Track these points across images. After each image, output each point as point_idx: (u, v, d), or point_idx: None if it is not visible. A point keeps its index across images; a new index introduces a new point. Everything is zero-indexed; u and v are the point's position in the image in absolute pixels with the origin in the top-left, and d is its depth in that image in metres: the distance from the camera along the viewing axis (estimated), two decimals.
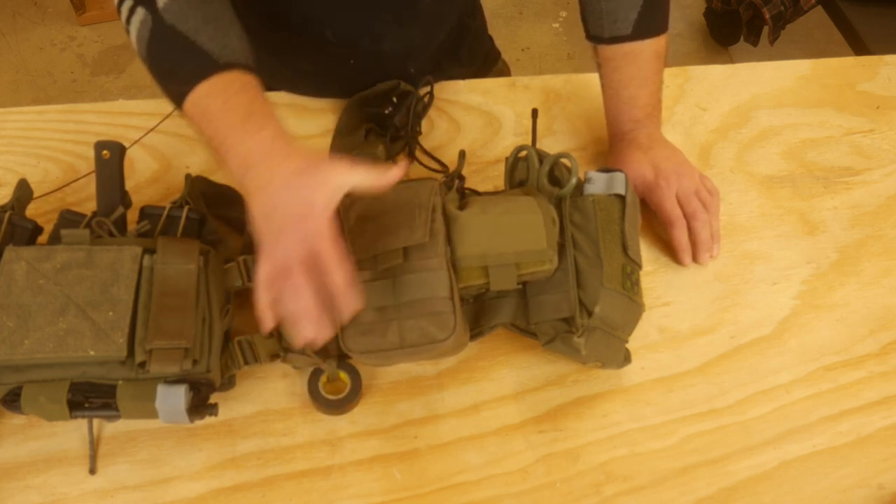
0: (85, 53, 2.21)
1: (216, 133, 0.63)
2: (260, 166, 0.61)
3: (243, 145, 0.62)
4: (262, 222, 0.60)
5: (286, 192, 0.59)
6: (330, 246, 0.58)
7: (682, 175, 0.82)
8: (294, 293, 0.58)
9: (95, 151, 0.69)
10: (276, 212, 0.59)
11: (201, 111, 0.63)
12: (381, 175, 0.61)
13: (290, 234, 0.59)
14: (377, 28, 0.86)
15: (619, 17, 0.81)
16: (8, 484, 0.64)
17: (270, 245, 0.59)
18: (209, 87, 0.63)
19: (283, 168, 0.60)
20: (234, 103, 0.63)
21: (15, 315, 0.61)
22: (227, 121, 0.63)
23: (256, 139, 0.62)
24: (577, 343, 0.66)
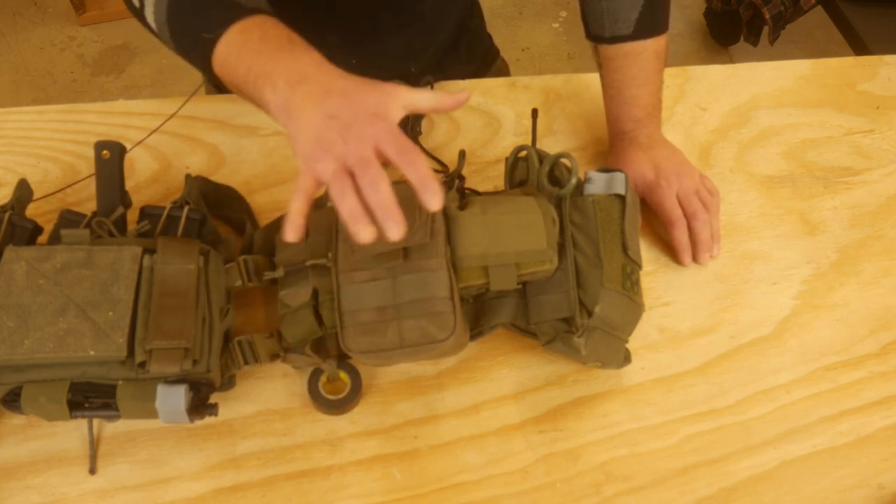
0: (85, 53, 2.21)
1: (257, 59, 0.60)
2: (318, 76, 0.58)
3: (295, 62, 0.59)
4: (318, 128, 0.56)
5: (355, 95, 0.57)
6: (407, 142, 0.55)
7: (683, 175, 0.82)
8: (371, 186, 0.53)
9: (95, 151, 0.69)
10: (340, 115, 0.56)
11: (237, 47, 0.61)
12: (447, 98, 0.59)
13: (360, 134, 0.55)
14: (379, 29, 0.86)
15: (620, 16, 0.81)
16: (8, 484, 0.64)
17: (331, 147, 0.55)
18: (243, 25, 0.61)
19: (347, 78, 0.58)
20: (274, 34, 0.61)
21: (15, 315, 0.61)
22: (269, 47, 0.60)
23: (308, 57, 0.60)
24: (577, 343, 0.66)
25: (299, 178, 0.56)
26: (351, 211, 0.54)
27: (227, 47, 0.61)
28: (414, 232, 0.65)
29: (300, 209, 0.56)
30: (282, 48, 0.60)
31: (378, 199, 0.53)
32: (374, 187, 0.53)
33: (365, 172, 0.54)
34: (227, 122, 0.88)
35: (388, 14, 0.85)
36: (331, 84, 0.57)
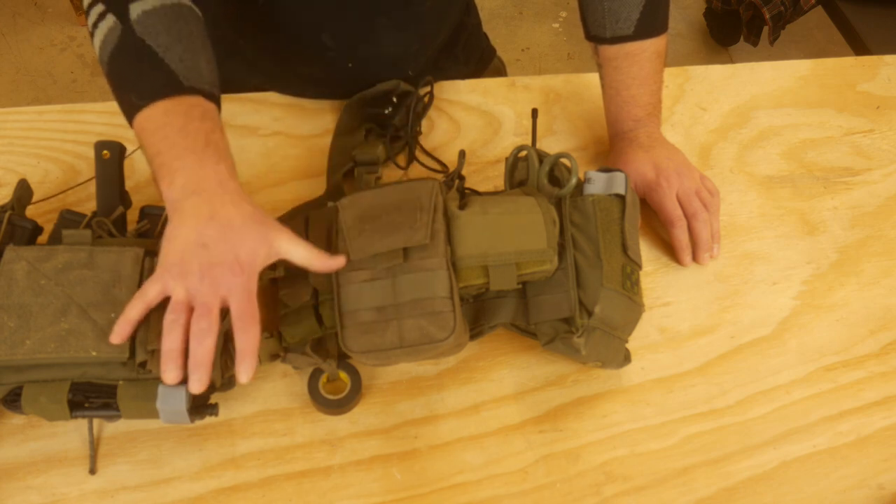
0: (85, 53, 2.21)
1: (168, 150, 0.61)
2: (211, 195, 0.60)
3: (197, 170, 0.60)
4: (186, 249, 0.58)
5: (232, 234, 0.59)
6: (253, 307, 0.59)
7: (683, 175, 0.82)
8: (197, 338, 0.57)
9: (95, 151, 0.69)
10: (210, 248, 0.58)
11: (155, 127, 0.62)
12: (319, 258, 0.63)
13: (217, 277, 0.58)
14: (375, 33, 0.86)
15: (622, 16, 0.81)
16: (8, 484, 0.64)
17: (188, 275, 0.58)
18: (170, 106, 0.62)
19: (237, 208, 0.60)
20: (195, 128, 0.62)
21: (16, 315, 0.61)
22: (183, 142, 0.61)
23: (213, 169, 0.61)
24: (576, 343, 0.66)
25: (148, 283, 0.60)
26: (171, 349, 0.58)
27: (147, 122, 0.62)
28: (414, 232, 0.65)
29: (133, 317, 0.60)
30: (194, 149, 0.61)
31: (200, 352, 0.57)
32: (201, 340, 0.57)
33: (200, 320, 0.57)
34: (227, 122, 0.88)
35: (385, 19, 0.84)
36: (219, 209, 0.59)
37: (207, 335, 0.57)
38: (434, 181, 0.69)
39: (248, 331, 0.58)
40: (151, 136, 0.62)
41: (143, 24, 0.63)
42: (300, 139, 0.88)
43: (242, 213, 0.60)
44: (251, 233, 0.60)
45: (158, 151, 0.62)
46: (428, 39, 0.92)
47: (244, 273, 0.59)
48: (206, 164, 0.61)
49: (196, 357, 0.57)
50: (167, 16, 0.64)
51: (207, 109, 0.64)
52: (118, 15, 0.64)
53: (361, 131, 0.85)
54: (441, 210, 0.67)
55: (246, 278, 0.59)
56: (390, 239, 0.65)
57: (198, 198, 0.60)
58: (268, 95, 0.91)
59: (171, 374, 0.58)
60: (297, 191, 0.83)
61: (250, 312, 0.58)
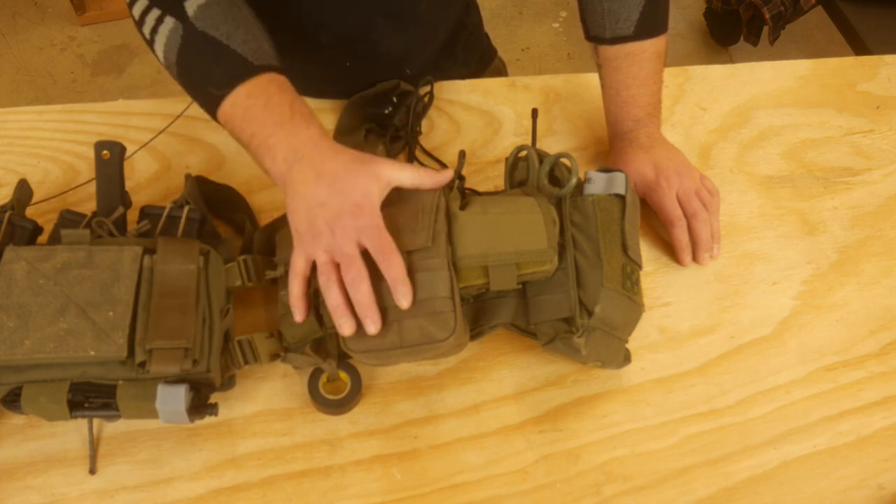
0: (85, 53, 2.21)
1: (260, 129, 0.64)
2: (312, 158, 0.63)
3: (294, 138, 0.64)
4: (309, 213, 0.62)
5: (342, 183, 0.62)
6: (386, 239, 0.62)
7: (683, 175, 0.82)
8: (354, 284, 0.61)
9: (95, 151, 0.69)
10: (328, 203, 0.62)
11: (242, 111, 0.65)
12: (429, 176, 0.65)
13: (344, 227, 0.62)
14: (373, 32, 0.86)
15: (622, 17, 0.81)
16: (8, 484, 0.64)
17: (319, 236, 0.62)
18: (249, 89, 0.65)
19: (337, 160, 0.63)
20: (277, 101, 0.65)
21: (15, 315, 0.61)
22: (272, 118, 0.65)
23: (306, 134, 0.64)
24: (577, 343, 0.66)
25: (294, 257, 0.64)
26: (335, 304, 0.62)
27: (232, 109, 0.65)
28: (416, 235, 0.65)
29: (299, 293, 0.64)
30: (283, 121, 0.65)
31: (359, 297, 0.61)
32: (356, 287, 0.61)
33: (349, 271, 0.61)
34: None
35: (383, 19, 0.84)
36: (322, 167, 0.63)
37: (361, 282, 0.61)
38: None
39: (391, 261, 0.61)
40: (241, 120, 0.65)
41: (202, 19, 0.66)
42: None
43: (343, 162, 0.63)
44: (358, 176, 0.63)
45: (252, 133, 0.65)
46: (426, 39, 0.92)
47: (365, 213, 0.62)
48: (298, 132, 0.64)
49: (360, 303, 0.61)
50: (221, 5, 0.67)
51: (282, 83, 0.67)
52: (176, 15, 0.66)
53: (361, 131, 0.85)
54: (443, 210, 0.67)
55: (370, 217, 0.62)
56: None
57: (300, 164, 0.63)
58: None
59: (347, 325, 0.62)
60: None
61: (386, 245, 0.62)
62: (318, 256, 0.63)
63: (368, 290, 0.61)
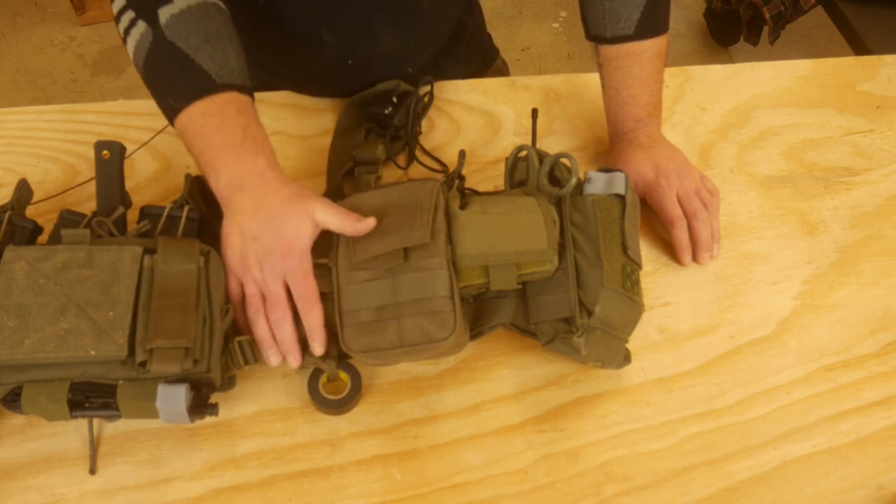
0: (85, 53, 2.21)
1: (208, 150, 0.65)
2: (253, 189, 0.64)
3: (238, 166, 0.65)
4: (243, 244, 0.64)
5: (276, 222, 0.63)
6: (310, 286, 0.64)
7: (683, 175, 0.82)
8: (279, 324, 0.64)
9: (95, 151, 0.69)
10: (260, 239, 0.63)
11: (195, 128, 0.66)
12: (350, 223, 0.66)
13: (273, 265, 0.64)
14: (374, 30, 0.86)
15: (623, 16, 0.81)
16: (8, 484, 0.64)
17: (249, 269, 0.64)
18: (206, 106, 0.66)
19: (278, 194, 0.64)
20: (231, 125, 0.66)
21: (15, 315, 0.61)
22: (222, 140, 0.65)
23: (252, 163, 0.65)
24: (577, 343, 0.66)
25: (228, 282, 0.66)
26: (262, 338, 0.65)
27: (187, 124, 0.66)
28: (414, 232, 0.65)
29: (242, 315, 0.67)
30: (233, 146, 0.65)
31: (282, 336, 0.64)
32: (280, 326, 0.64)
33: (274, 310, 0.64)
34: None
35: (383, 17, 0.85)
36: (262, 199, 0.64)
37: (284, 322, 0.64)
38: (435, 181, 0.69)
39: (311, 310, 0.64)
40: (193, 136, 0.66)
41: (172, 28, 0.66)
42: (300, 139, 0.88)
43: (282, 197, 0.64)
44: (292, 214, 0.64)
45: (201, 151, 0.66)
46: (427, 38, 0.92)
47: (294, 255, 0.64)
48: (245, 158, 0.65)
49: (283, 342, 0.65)
50: (194, 17, 0.67)
51: (242, 104, 0.67)
52: (148, 21, 0.66)
53: (361, 131, 0.85)
54: (442, 209, 0.67)
55: (297, 260, 0.64)
56: (391, 239, 0.65)
57: (242, 193, 0.64)
58: (268, 95, 0.91)
59: (273, 358, 0.65)
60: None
61: (309, 292, 0.64)
62: (248, 287, 0.65)
63: (291, 329, 0.64)
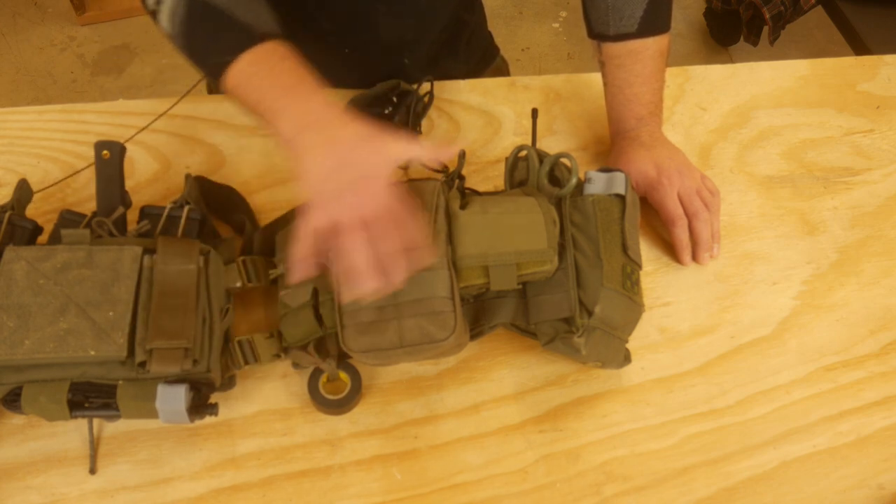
0: (85, 53, 2.21)
1: (265, 96, 0.64)
2: (321, 124, 0.62)
3: (301, 105, 0.63)
4: (326, 176, 0.60)
5: (356, 152, 0.61)
6: (402, 204, 0.60)
7: (685, 174, 0.82)
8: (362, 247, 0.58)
9: (95, 151, 0.69)
10: (342, 169, 0.60)
11: (247, 78, 0.65)
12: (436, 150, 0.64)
13: (357, 192, 0.59)
14: (371, 18, 0.86)
15: (626, 14, 0.81)
16: (8, 484, 0.64)
17: (330, 200, 0.59)
18: (253, 56, 0.65)
19: (348, 129, 0.62)
20: (282, 69, 0.65)
21: (15, 315, 0.61)
22: (278, 84, 0.64)
23: (313, 101, 0.63)
24: (577, 343, 0.66)
25: (308, 218, 0.60)
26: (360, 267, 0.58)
27: (238, 77, 0.65)
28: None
29: (307, 253, 0.60)
30: (290, 86, 0.64)
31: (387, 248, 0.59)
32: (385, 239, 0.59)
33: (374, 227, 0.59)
34: (227, 122, 0.88)
35: (382, 5, 0.85)
36: (333, 133, 0.61)
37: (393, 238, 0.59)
38: (436, 181, 0.69)
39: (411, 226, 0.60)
40: (246, 88, 0.65)
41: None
42: None
43: (353, 131, 0.62)
44: (370, 146, 0.62)
45: (258, 100, 0.64)
46: (425, 29, 0.92)
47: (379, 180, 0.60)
48: (307, 98, 0.64)
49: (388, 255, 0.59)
50: None
51: (285, 51, 0.66)
52: None
53: None
54: (443, 210, 0.67)
55: (383, 182, 0.60)
56: None
57: (310, 131, 0.62)
58: None
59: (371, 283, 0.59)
60: (296, 191, 0.83)
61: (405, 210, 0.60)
62: (343, 216, 0.59)
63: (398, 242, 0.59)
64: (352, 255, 0.59)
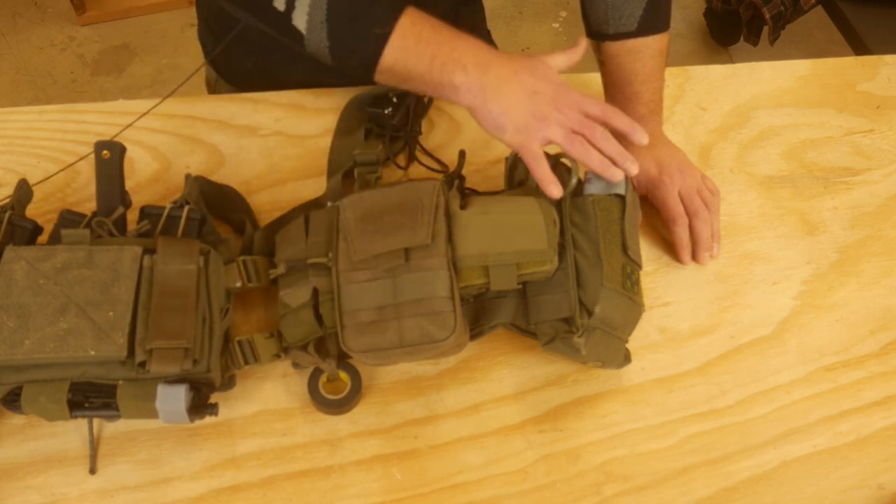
0: (85, 53, 2.21)
1: (440, 49, 0.67)
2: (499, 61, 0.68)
3: (474, 50, 0.68)
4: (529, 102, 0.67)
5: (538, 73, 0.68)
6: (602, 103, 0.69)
7: (686, 173, 0.82)
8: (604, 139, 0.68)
9: (95, 151, 0.69)
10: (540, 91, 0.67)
11: (415, 39, 0.67)
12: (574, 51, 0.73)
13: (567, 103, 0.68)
14: None
15: (625, 13, 0.81)
16: (8, 484, 0.64)
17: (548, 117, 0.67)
18: (411, 18, 0.68)
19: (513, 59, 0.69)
20: (437, 25, 0.69)
21: (15, 315, 0.61)
22: (443, 36, 0.68)
23: (479, 45, 0.69)
24: (576, 343, 0.66)
25: (525, 146, 0.68)
26: (601, 161, 0.68)
27: (404, 39, 0.67)
28: (415, 232, 0.65)
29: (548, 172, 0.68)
30: (455, 37, 0.69)
31: (614, 148, 0.68)
32: (608, 140, 0.68)
33: (593, 131, 0.68)
34: (227, 122, 0.88)
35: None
36: (513, 65, 0.68)
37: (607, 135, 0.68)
38: (436, 181, 0.69)
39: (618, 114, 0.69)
40: (416, 47, 0.68)
41: None
42: (300, 139, 0.88)
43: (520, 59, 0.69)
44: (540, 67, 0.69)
45: (433, 55, 0.67)
46: None
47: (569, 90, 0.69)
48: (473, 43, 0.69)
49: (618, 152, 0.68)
50: None
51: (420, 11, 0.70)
52: None
53: (361, 131, 0.85)
54: (442, 210, 0.67)
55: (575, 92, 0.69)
56: (392, 239, 0.65)
57: (494, 68, 0.68)
58: (268, 95, 0.91)
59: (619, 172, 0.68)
60: (297, 191, 0.83)
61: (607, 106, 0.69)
62: (557, 132, 0.67)
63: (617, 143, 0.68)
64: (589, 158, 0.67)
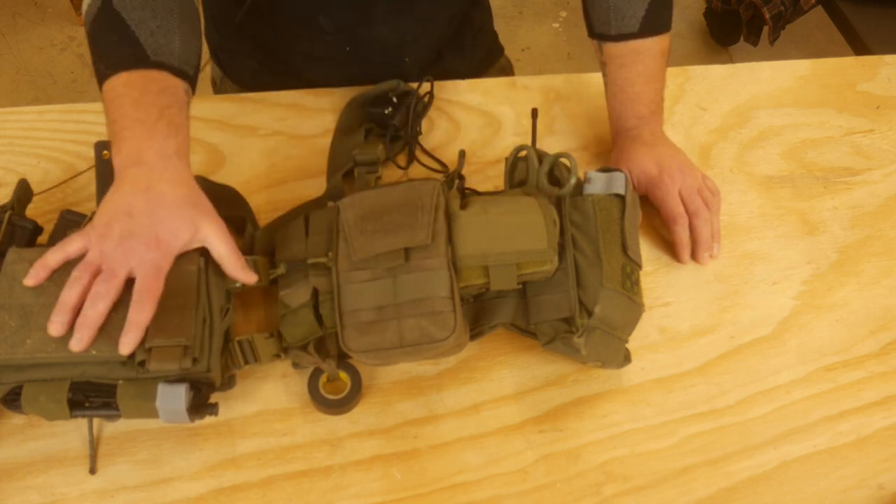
0: (85, 53, 2.21)
1: (120, 119, 0.64)
2: (151, 168, 0.62)
3: (144, 142, 0.63)
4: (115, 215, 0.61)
5: (162, 210, 0.61)
6: (157, 286, 0.60)
7: (686, 173, 0.82)
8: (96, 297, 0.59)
9: (95, 151, 0.70)
10: (135, 219, 0.60)
11: (114, 97, 0.65)
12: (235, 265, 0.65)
13: (132, 249, 0.60)
14: (372, 16, 0.86)
15: (628, 13, 0.81)
16: (8, 484, 0.64)
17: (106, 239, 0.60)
18: (130, 78, 0.65)
19: (175, 188, 0.62)
20: (150, 101, 0.64)
21: (17, 315, 0.61)
22: (136, 113, 0.63)
23: (159, 143, 0.63)
24: (576, 343, 0.66)
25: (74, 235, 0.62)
26: (65, 302, 0.59)
27: (109, 91, 0.65)
28: (416, 232, 0.65)
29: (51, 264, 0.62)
30: (144, 122, 0.63)
31: (91, 312, 0.59)
32: (94, 301, 0.59)
33: (100, 283, 0.59)
34: (227, 122, 0.88)
35: (382, 3, 0.85)
36: (156, 183, 0.62)
37: (102, 299, 0.59)
38: (436, 181, 0.69)
39: (144, 306, 0.59)
40: (110, 105, 0.65)
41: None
42: (300, 139, 0.88)
43: (177, 192, 0.62)
44: (179, 214, 0.62)
45: (113, 120, 0.64)
46: (426, 26, 0.92)
47: (159, 250, 0.61)
48: (154, 137, 0.63)
49: (85, 317, 0.59)
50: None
51: (170, 85, 0.66)
52: None
53: (361, 131, 0.85)
54: (443, 210, 0.67)
55: (160, 256, 0.61)
56: (392, 239, 0.65)
57: (138, 169, 0.62)
58: (268, 95, 0.91)
59: (56, 326, 0.59)
60: (297, 191, 0.83)
61: (152, 290, 0.60)
62: (91, 254, 0.61)
63: (103, 311, 0.59)
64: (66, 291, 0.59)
